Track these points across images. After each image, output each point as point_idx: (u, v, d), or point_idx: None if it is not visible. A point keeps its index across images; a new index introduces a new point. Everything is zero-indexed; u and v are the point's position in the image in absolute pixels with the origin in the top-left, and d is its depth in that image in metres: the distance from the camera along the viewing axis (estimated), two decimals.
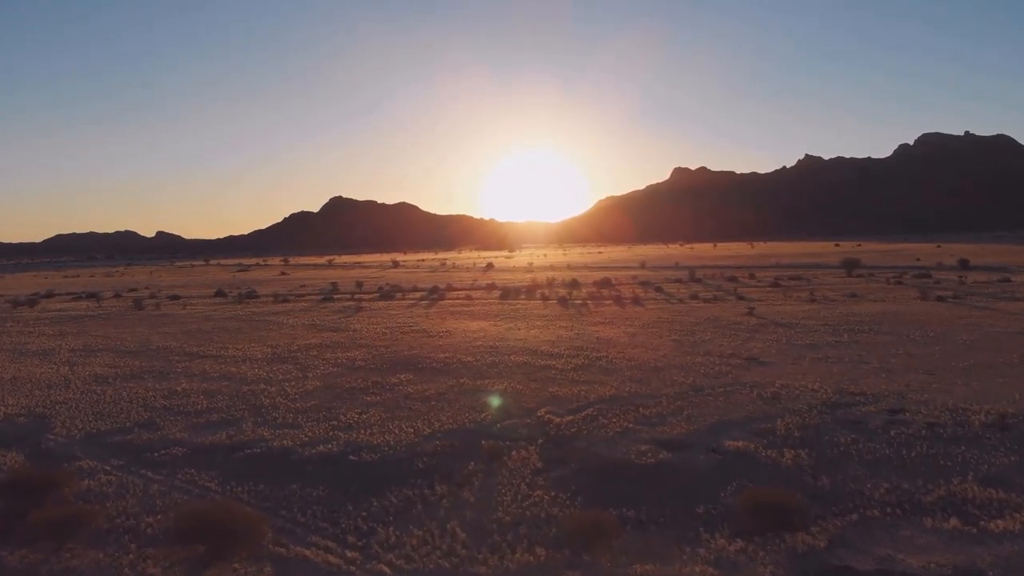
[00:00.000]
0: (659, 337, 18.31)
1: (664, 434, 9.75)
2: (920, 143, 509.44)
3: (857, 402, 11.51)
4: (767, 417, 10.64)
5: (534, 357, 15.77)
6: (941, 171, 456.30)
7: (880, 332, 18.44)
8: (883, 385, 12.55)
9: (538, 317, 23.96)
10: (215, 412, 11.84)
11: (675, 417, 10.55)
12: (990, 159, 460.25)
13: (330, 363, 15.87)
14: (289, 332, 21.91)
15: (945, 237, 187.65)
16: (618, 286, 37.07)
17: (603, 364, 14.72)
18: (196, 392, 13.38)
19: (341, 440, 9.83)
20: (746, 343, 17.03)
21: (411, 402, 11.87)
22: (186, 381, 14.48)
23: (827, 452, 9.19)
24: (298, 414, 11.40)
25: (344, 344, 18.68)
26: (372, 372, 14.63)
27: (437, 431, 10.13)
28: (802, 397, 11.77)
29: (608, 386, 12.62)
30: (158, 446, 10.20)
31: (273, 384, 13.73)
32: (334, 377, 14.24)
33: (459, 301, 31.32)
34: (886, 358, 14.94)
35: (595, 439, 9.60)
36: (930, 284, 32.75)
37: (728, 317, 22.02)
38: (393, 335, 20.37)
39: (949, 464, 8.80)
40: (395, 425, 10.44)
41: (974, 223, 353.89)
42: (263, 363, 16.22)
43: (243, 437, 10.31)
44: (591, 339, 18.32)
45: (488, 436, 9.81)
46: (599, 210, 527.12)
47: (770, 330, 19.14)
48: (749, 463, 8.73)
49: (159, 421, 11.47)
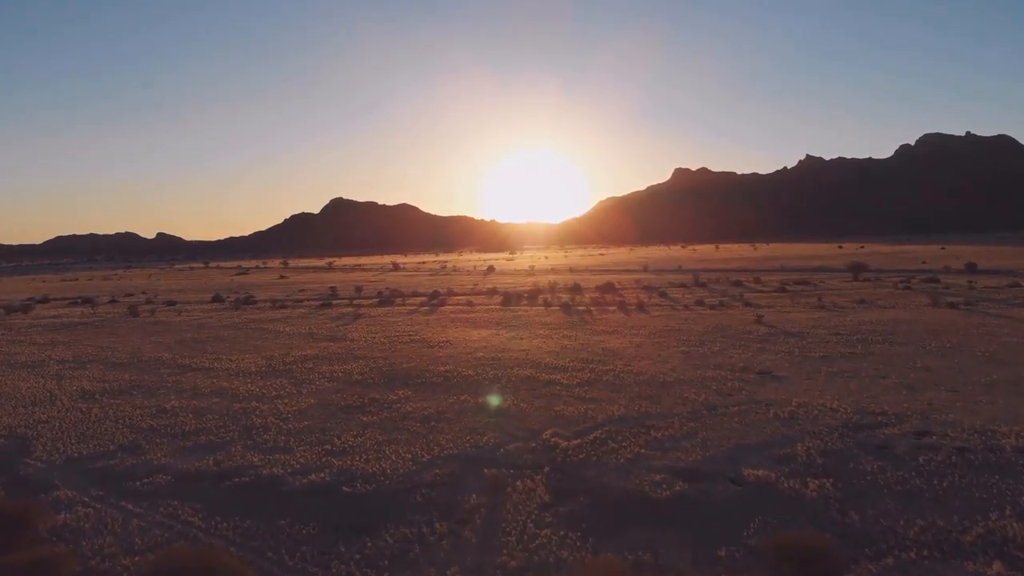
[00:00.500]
0: (667, 348, 17.71)
1: (679, 461, 9.16)
2: (921, 143, 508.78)
3: (880, 423, 10.93)
4: (786, 441, 10.06)
5: (538, 370, 15.19)
6: (942, 171, 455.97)
7: (895, 343, 17.84)
8: (905, 403, 11.97)
9: (541, 325, 23.37)
10: (203, 433, 11.26)
11: (689, 441, 9.96)
12: (991, 159, 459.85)
13: (326, 377, 15.28)
14: (285, 342, 21.33)
15: (947, 238, 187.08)
16: (622, 291, 36.48)
17: (610, 379, 14.13)
18: (185, 410, 12.79)
19: (334, 468, 9.24)
20: (757, 355, 16.44)
21: (409, 422, 11.28)
22: (175, 397, 13.90)
23: (854, 482, 8.62)
24: (290, 436, 10.81)
25: (341, 356, 18.10)
26: (369, 387, 14.05)
27: (437, 457, 9.54)
28: (821, 417, 11.19)
29: (617, 404, 12.04)
30: (141, 473, 9.62)
31: (265, 401, 13.14)
32: (329, 393, 13.65)
33: (460, 307, 30.74)
34: (904, 372, 14.34)
35: (605, 467, 9.01)
36: (939, 289, 32.15)
37: (736, 326, 21.42)
38: (392, 345, 19.79)
39: (984, 497, 8.22)
40: (392, 450, 9.86)
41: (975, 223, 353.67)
42: (256, 377, 15.63)
43: (231, 463, 9.73)
44: (597, 350, 17.73)
45: (491, 463, 9.23)
46: (600, 211, 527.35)
47: (781, 340, 18.55)
48: (771, 495, 8.15)
49: (144, 444, 10.89)
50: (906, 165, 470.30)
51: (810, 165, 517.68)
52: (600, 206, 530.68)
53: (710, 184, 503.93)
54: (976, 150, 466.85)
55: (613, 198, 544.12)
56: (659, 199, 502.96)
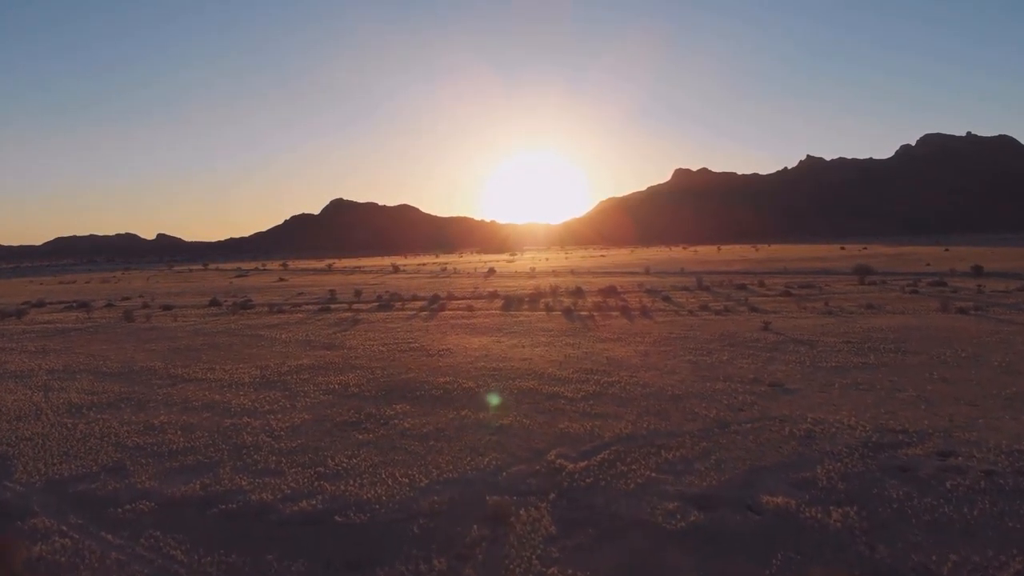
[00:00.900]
0: (673, 357, 17.19)
1: (692, 486, 8.65)
2: (922, 143, 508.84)
3: (901, 442, 10.41)
4: (804, 462, 9.55)
5: (541, 382, 14.67)
6: (943, 172, 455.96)
7: (908, 352, 17.32)
8: (925, 420, 11.45)
9: (543, 332, 22.86)
10: (191, 453, 10.75)
11: (702, 463, 9.45)
12: (992, 160, 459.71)
13: (321, 389, 14.76)
14: (281, 349, 20.82)
15: (948, 238, 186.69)
16: (624, 294, 35.96)
17: (616, 391, 13.61)
18: (174, 426, 12.28)
19: (327, 493, 8.73)
20: (767, 365, 15.92)
21: (407, 441, 10.77)
22: (165, 412, 13.39)
23: (879, 511, 8.11)
24: (282, 456, 10.30)
25: (338, 365, 17.58)
26: (366, 401, 13.53)
27: (435, 481, 9.03)
28: (839, 436, 10.68)
29: (624, 420, 11.52)
30: (124, 498, 9.11)
31: (258, 416, 12.63)
32: (325, 407, 13.14)
33: (460, 312, 30.23)
34: (921, 385, 13.82)
35: (615, 493, 8.50)
36: (948, 293, 31.64)
37: (743, 333, 20.90)
38: (390, 354, 19.28)
39: (1018, 527, 7.71)
40: (388, 473, 9.34)
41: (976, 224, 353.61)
42: (250, 389, 15.12)
43: (219, 487, 9.21)
44: (601, 359, 17.21)
45: (493, 488, 8.72)
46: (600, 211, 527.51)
47: (790, 349, 18.04)
48: (792, 526, 7.63)
49: (129, 465, 10.38)
50: (907, 165, 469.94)
51: (811, 165, 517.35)
52: (600, 207, 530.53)
53: (710, 184, 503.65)
54: (977, 150, 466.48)
55: (613, 199, 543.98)
56: (659, 199, 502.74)
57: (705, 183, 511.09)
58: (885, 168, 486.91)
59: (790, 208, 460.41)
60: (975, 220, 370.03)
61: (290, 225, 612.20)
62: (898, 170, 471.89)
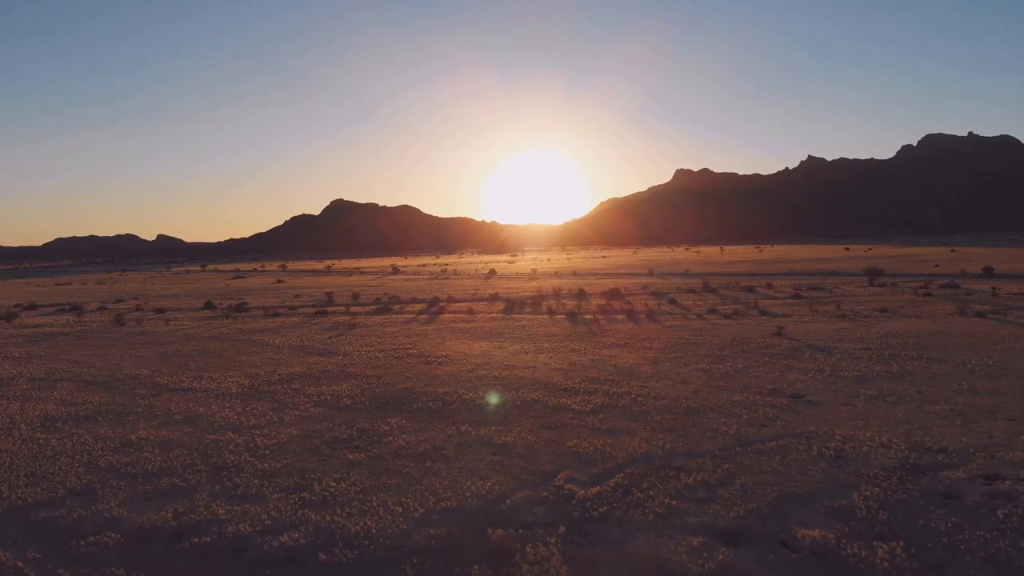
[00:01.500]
0: (685, 365, 16.31)
1: (718, 516, 7.78)
2: (923, 144, 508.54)
3: (940, 463, 9.55)
4: (838, 487, 8.68)
5: (546, 393, 13.79)
6: (945, 172, 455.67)
7: (931, 359, 16.45)
8: (962, 436, 10.58)
9: (546, 337, 21.99)
10: (167, 474, 9.88)
11: (726, 488, 8.58)
12: (994, 160, 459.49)
13: (312, 400, 13.89)
14: (273, 356, 19.95)
15: (951, 239, 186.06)
16: (629, 297, 35.09)
17: (627, 404, 12.73)
18: (152, 443, 11.42)
19: (312, 525, 7.86)
20: (785, 374, 15.04)
21: (401, 462, 9.89)
22: (144, 426, 12.52)
23: (927, 546, 7.24)
24: (264, 479, 9.43)
25: (332, 373, 16.72)
26: (359, 414, 12.66)
27: (432, 510, 8.16)
28: (872, 456, 9.81)
29: (637, 437, 10.65)
30: (89, 528, 8.25)
31: (242, 432, 11.75)
32: (315, 421, 12.27)
33: (460, 315, 29.37)
34: (952, 397, 12.94)
35: (632, 525, 7.63)
36: (962, 296, 30.75)
37: (756, 338, 20.02)
38: (387, 361, 18.41)
39: None
40: (380, 500, 8.47)
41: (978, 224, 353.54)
42: (236, 400, 14.24)
43: (193, 516, 8.35)
44: (609, 367, 16.33)
45: (496, 519, 7.85)
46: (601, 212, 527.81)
47: (807, 356, 17.16)
48: (834, 567, 6.76)
49: (99, 488, 9.51)
50: (908, 166, 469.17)
51: (812, 166, 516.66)
52: (601, 207, 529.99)
53: (712, 185, 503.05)
54: (979, 150, 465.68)
55: (614, 199, 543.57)
56: (661, 200, 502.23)
57: (706, 184, 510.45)
58: (886, 168, 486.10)
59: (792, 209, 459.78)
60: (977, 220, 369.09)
61: (290, 226, 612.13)
62: (900, 170, 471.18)
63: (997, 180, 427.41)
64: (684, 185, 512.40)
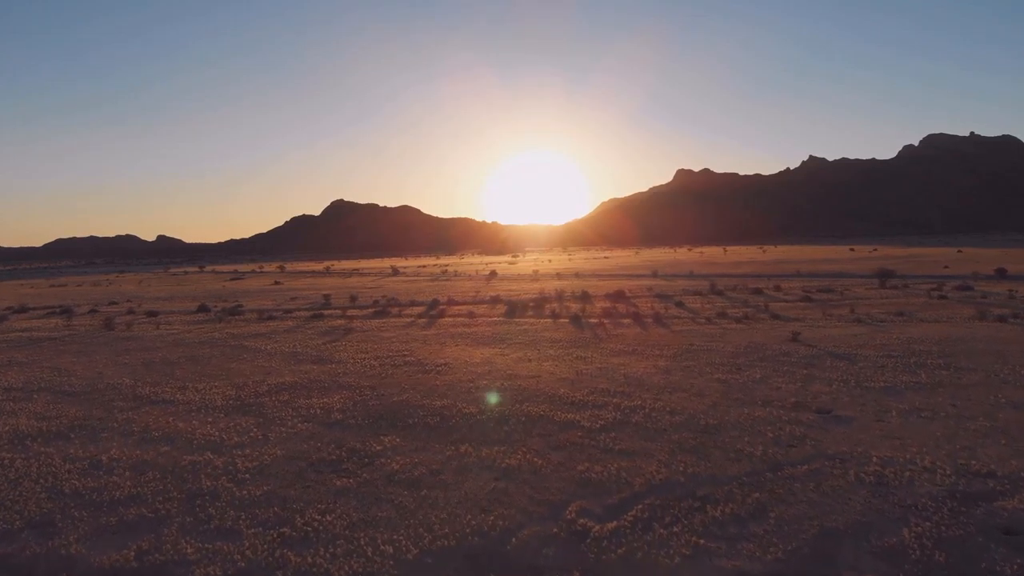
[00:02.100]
0: (699, 375, 15.35)
1: (754, 560, 6.82)
2: (925, 144, 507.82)
3: (992, 491, 8.59)
4: (885, 521, 7.73)
5: (553, 407, 12.83)
6: (946, 172, 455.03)
7: (960, 368, 15.48)
8: (1010, 458, 9.62)
9: (550, 343, 21.02)
10: (136, 503, 8.92)
11: (759, 523, 7.63)
12: (996, 160, 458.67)
13: (301, 415, 12.93)
14: (264, 364, 19.00)
15: (953, 239, 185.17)
16: (634, 299, 34.12)
17: (640, 419, 11.77)
18: (124, 465, 10.46)
19: (290, 568, 6.89)
20: (807, 385, 14.08)
21: (394, 489, 8.93)
22: (118, 445, 11.56)
23: None
24: (242, 510, 8.47)
25: (323, 384, 15.76)
26: (350, 431, 11.70)
27: (427, 550, 7.19)
28: (917, 482, 8.85)
29: (654, 460, 9.69)
30: (41, 569, 7.30)
31: (223, 452, 10.79)
32: (302, 440, 11.31)
33: (460, 319, 28.41)
34: (990, 411, 11.99)
35: (657, 571, 6.67)
36: (978, 299, 29.78)
37: (772, 345, 19.06)
38: (383, 369, 17.45)
39: None
40: (369, 538, 7.51)
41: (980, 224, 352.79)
42: (220, 414, 13.28)
43: (158, 555, 7.39)
44: (618, 377, 15.37)
45: (499, 563, 6.89)
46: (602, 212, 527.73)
47: (828, 364, 16.19)
48: None
49: (59, 519, 8.55)
50: (910, 166, 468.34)
51: (813, 166, 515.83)
52: (602, 207, 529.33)
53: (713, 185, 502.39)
54: (980, 150, 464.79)
55: (615, 199, 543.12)
56: (661, 200, 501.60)
57: (707, 184, 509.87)
58: (888, 168, 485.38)
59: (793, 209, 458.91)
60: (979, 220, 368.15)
61: (291, 226, 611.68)
62: (901, 170, 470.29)
63: (998, 180, 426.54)
64: (685, 185, 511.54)
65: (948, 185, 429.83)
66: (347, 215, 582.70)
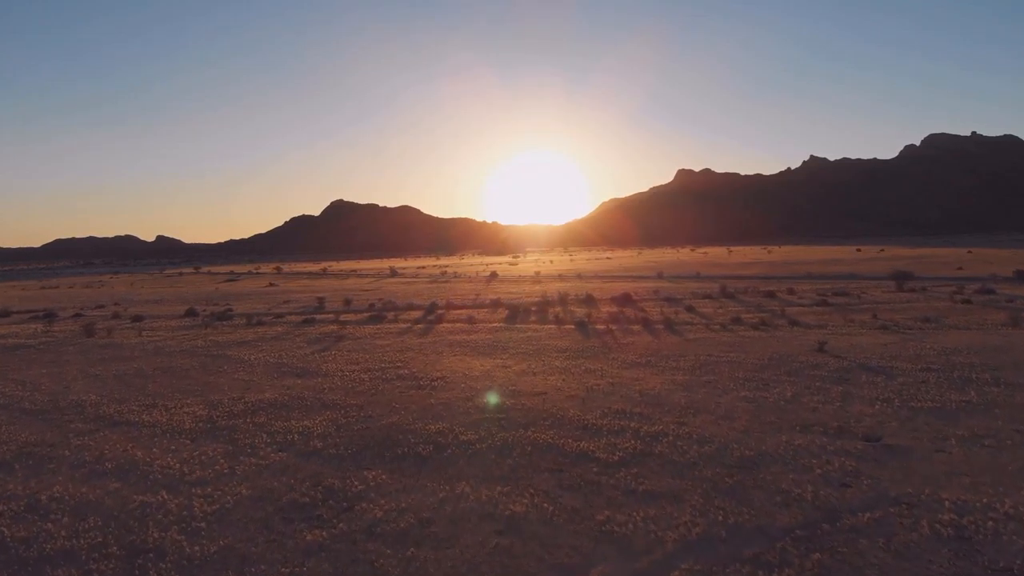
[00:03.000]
0: (724, 392, 13.83)
1: None
2: (927, 144, 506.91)
3: None
4: None
5: (562, 433, 11.31)
6: (948, 172, 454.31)
7: (1011, 384, 13.95)
8: None
9: (556, 352, 19.51)
10: (66, 561, 7.41)
11: None
12: (997, 159, 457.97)
13: (276, 442, 11.41)
14: (244, 377, 17.49)
15: (960, 240, 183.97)
16: (641, 303, 32.61)
17: (664, 450, 10.26)
18: (64, 507, 8.95)
19: None
20: (846, 405, 12.56)
21: (375, 546, 7.42)
22: (63, 480, 10.04)
23: None
24: (191, 573, 6.97)
25: (306, 402, 14.24)
26: (329, 463, 10.19)
27: None
28: (1004, 535, 7.35)
29: (687, 505, 8.18)
30: None
31: (179, 492, 9.27)
32: (273, 475, 9.80)
33: (459, 325, 26.91)
34: None
35: None
36: (1004, 303, 28.29)
37: (797, 356, 17.54)
38: (373, 384, 15.94)
39: None
40: None
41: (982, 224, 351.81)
42: (186, 440, 11.77)
43: None
44: (633, 395, 13.84)
45: None
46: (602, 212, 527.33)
47: (863, 379, 14.68)
48: None
49: None
50: (911, 165, 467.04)
51: (814, 166, 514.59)
52: (603, 208, 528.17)
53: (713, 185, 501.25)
54: (982, 150, 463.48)
55: (616, 199, 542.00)
56: (662, 200, 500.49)
57: (708, 184, 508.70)
58: (889, 168, 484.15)
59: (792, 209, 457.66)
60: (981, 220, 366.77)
61: (290, 227, 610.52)
62: (901, 170, 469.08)
63: (998, 180, 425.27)
64: (686, 185, 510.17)
65: (949, 185, 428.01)
66: (347, 215, 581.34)
